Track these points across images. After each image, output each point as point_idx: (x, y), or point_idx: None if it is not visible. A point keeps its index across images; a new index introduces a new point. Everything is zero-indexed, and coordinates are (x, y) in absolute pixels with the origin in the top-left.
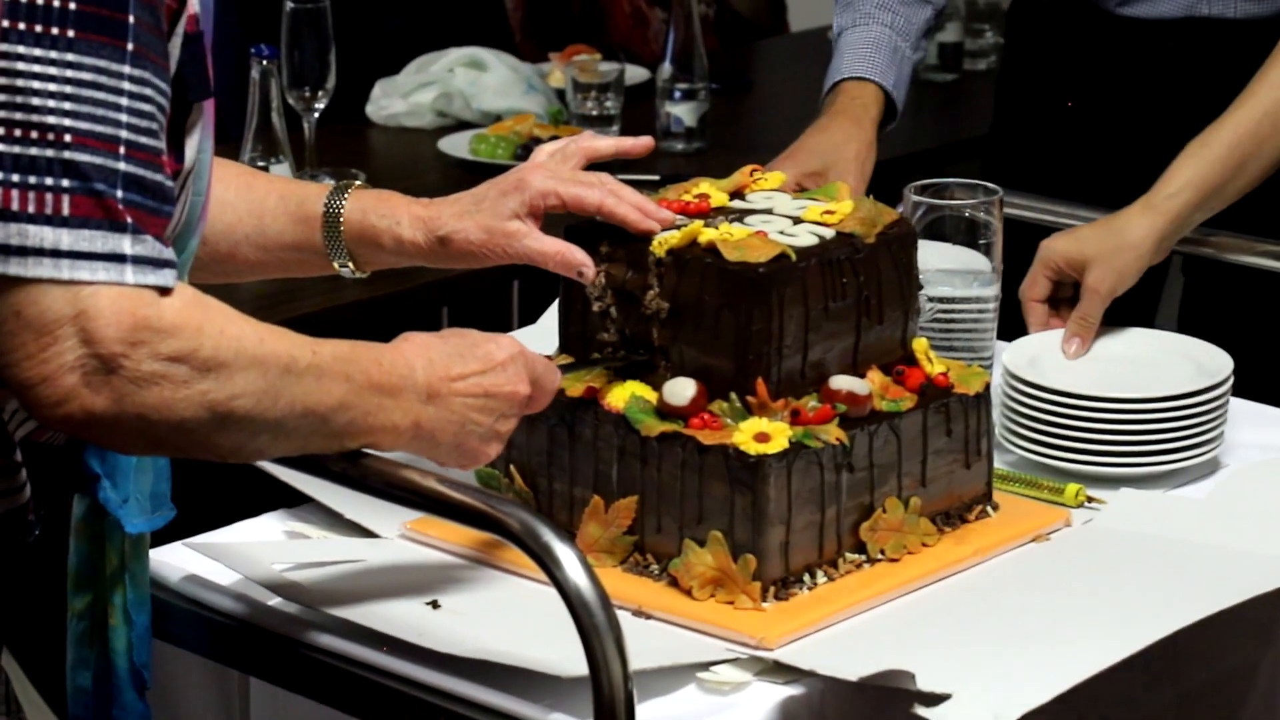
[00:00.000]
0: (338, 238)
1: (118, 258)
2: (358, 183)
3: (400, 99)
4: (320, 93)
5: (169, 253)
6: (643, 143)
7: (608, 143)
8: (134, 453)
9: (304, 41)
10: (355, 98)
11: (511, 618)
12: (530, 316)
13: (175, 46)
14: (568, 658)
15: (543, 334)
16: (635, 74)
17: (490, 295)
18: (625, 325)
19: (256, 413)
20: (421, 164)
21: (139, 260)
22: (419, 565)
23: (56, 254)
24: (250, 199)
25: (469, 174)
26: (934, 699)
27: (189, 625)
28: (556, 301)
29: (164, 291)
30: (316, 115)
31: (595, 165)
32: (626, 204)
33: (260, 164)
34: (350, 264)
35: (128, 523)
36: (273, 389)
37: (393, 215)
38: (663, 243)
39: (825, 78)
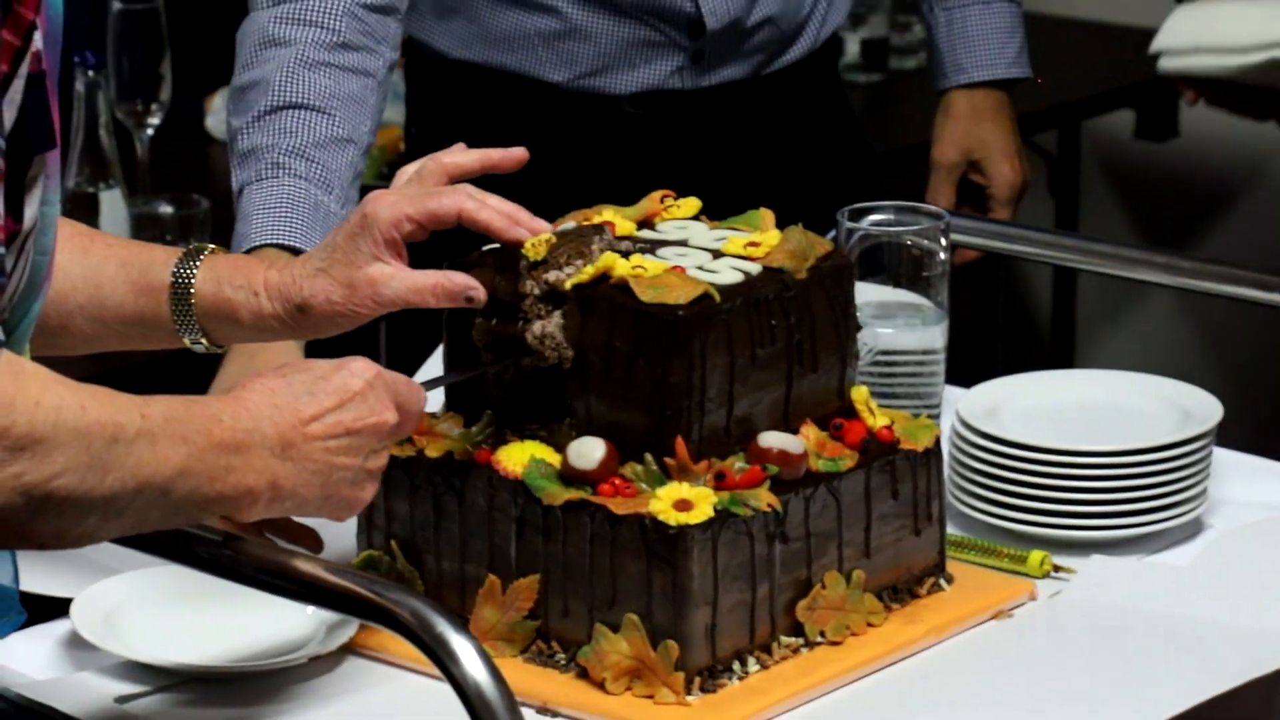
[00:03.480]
0: (188, 311)
1: None
2: (210, 247)
3: None
4: (154, 106)
5: None
6: (514, 155)
7: (471, 156)
8: None
9: (133, 47)
10: (194, 111)
11: None
12: (403, 362)
13: (17, 91)
14: None
15: None
16: None
17: (351, 336)
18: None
19: (81, 492)
20: None
21: None
22: (282, 673)
23: None
24: (86, 264)
25: None
26: None
27: None
28: (435, 354)
29: None
30: (150, 132)
31: None
32: (490, 209)
33: (88, 190)
34: (203, 340)
35: None
36: (98, 463)
37: (249, 285)
38: (536, 245)
39: (233, 239)
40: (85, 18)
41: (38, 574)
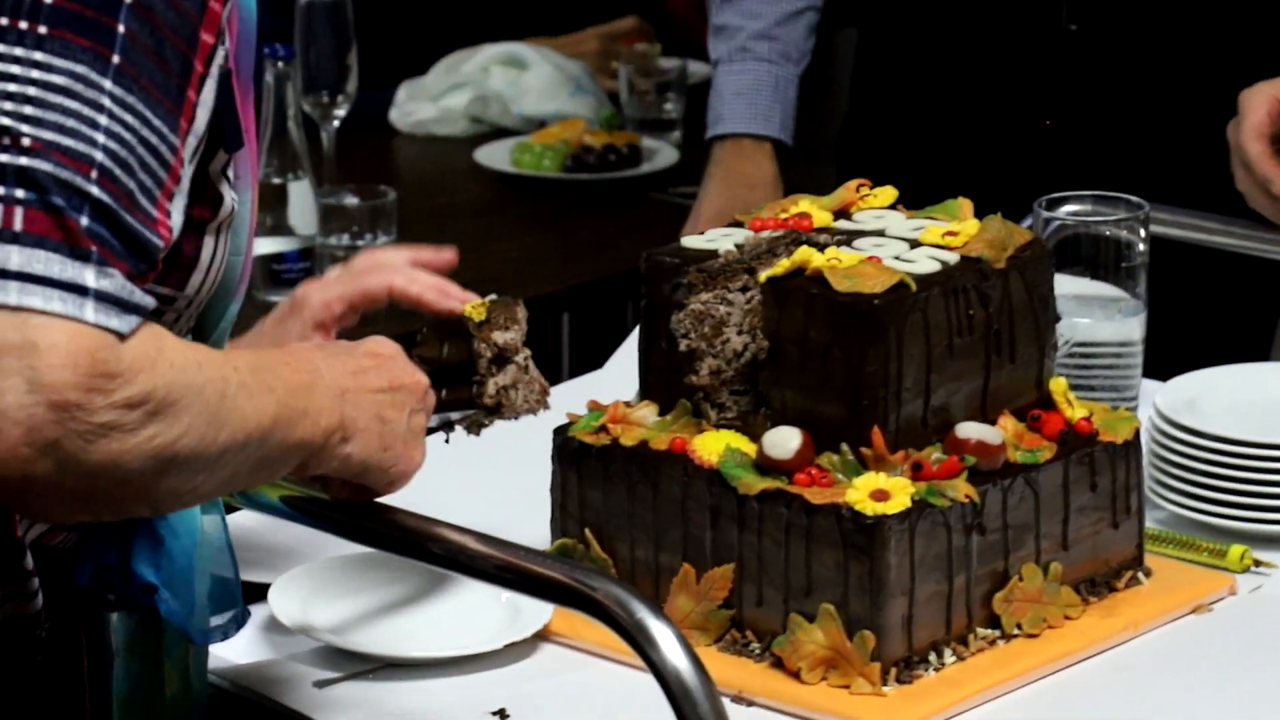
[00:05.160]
0: None
1: (78, 289)
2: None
3: (429, 103)
4: (340, 98)
5: (142, 296)
6: (444, 255)
7: (401, 251)
8: (59, 520)
9: (321, 40)
10: (379, 102)
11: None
12: (586, 353)
13: (210, 91)
14: None
15: (612, 379)
16: (700, 70)
17: (534, 329)
18: (721, 364)
19: (199, 449)
20: (456, 177)
21: (103, 297)
22: (477, 659)
23: (4, 274)
24: None
25: (511, 189)
26: None
27: (218, 716)
28: (626, 343)
29: (123, 335)
30: (336, 124)
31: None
32: (420, 284)
33: (276, 180)
34: None
35: (197, 635)
36: (215, 421)
37: None
38: (476, 307)
39: (708, 111)
40: (275, 9)
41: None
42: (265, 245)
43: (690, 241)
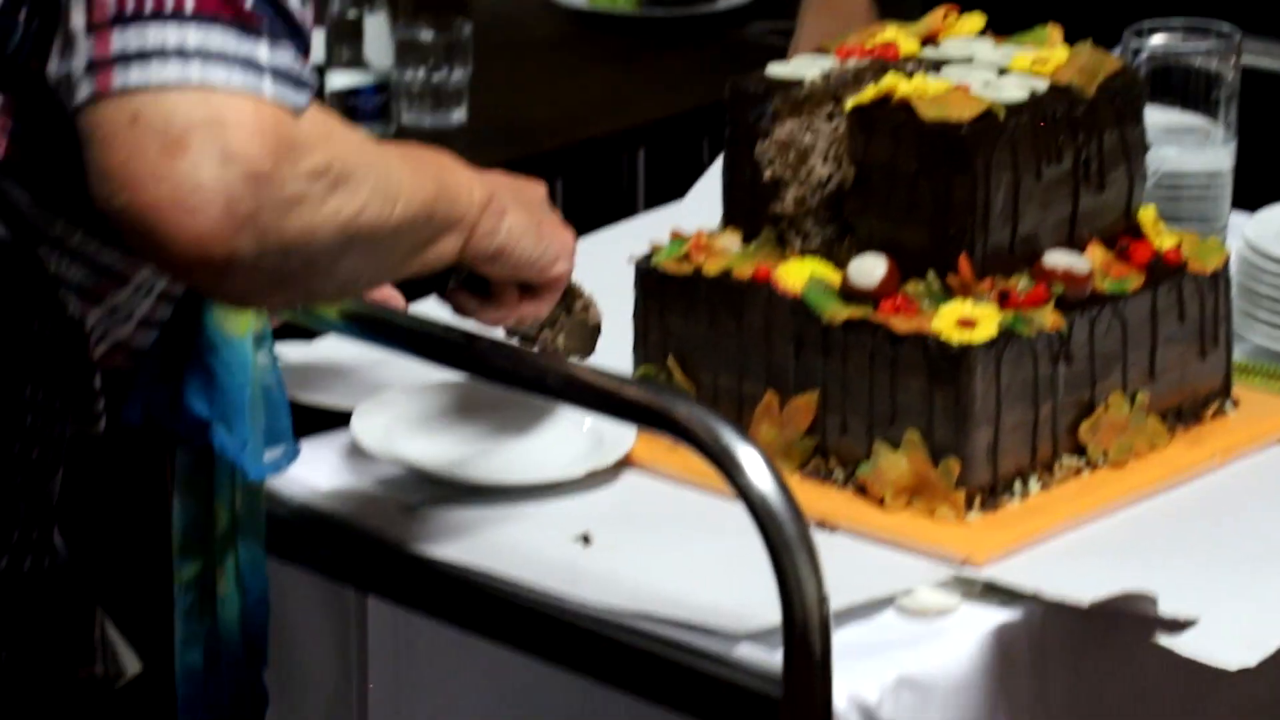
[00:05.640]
0: None
1: (254, 65)
2: None
3: None
4: None
5: (309, 74)
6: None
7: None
8: (255, 304)
9: None
10: None
11: (680, 546)
12: (660, 190)
13: None
14: (751, 602)
15: (693, 212)
16: None
17: (610, 165)
18: (805, 193)
19: (378, 223)
20: (531, 15)
21: (278, 73)
22: (560, 486)
23: (183, 54)
24: None
25: (587, 28)
26: (1177, 626)
27: (300, 538)
28: (707, 176)
29: (298, 110)
30: None
31: None
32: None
33: (352, 14)
34: None
35: (251, 468)
36: (389, 194)
37: None
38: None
39: None
40: None
41: (318, 388)
42: (341, 79)
43: (775, 70)
